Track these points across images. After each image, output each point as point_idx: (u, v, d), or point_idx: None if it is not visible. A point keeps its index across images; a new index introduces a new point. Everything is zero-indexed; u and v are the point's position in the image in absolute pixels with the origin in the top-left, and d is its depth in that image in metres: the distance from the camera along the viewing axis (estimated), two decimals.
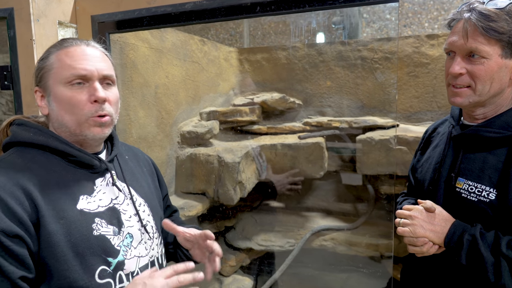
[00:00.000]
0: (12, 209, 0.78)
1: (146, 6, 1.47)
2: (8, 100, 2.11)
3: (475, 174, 0.94)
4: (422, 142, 1.21)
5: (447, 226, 0.93)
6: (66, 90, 0.88)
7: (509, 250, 0.85)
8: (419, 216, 0.94)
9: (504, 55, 0.89)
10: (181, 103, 2.61)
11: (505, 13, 0.87)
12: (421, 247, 0.93)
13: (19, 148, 0.90)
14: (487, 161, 0.93)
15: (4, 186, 0.80)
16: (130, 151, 1.15)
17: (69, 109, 0.89)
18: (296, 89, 3.03)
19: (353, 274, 2.65)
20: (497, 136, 0.92)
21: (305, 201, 2.92)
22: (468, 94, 0.94)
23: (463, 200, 0.95)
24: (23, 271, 0.78)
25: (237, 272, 2.73)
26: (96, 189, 0.93)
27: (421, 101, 2.72)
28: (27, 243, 0.79)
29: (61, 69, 0.89)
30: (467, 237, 0.89)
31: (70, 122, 0.90)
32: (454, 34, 0.94)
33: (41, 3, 1.44)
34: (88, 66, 0.89)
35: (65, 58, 0.89)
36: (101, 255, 0.87)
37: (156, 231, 1.04)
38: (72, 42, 0.92)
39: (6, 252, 0.77)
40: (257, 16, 1.37)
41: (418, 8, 3.51)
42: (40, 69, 0.92)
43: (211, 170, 2.38)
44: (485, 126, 0.95)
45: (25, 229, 0.79)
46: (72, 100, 0.88)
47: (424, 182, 1.07)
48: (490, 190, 0.91)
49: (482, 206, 0.91)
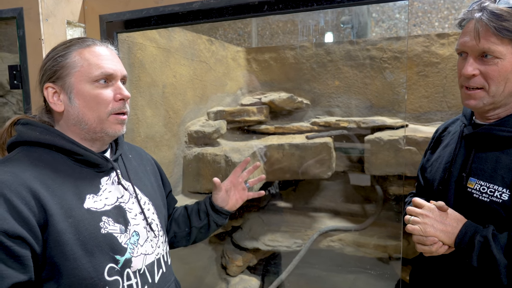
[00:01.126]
0: (17, 208, 0.78)
1: (154, 6, 1.47)
2: (19, 100, 2.13)
3: (487, 174, 0.92)
4: (432, 141, 1.18)
5: (459, 226, 0.90)
6: (92, 88, 0.91)
7: None
8: (430, 214, 0.92)
9: None
10: (189, 102, 2.62)
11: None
12: (430, 246, 0.91)
13: (25, 148, 0.90)
14: (500, 160, 0.91)
15: (10, 185, 0.80)
16: (133, 150, 1.16)
17: (94, 106, 0.91)
18: (304, 88, 3.02)
19: (360, 276, 2.63)
20: (511, 135, 0.90)
21: (312, 201, 2.91)
22: (482, 96, 0.92)
23: (475, 201, 0.92)
24: (21, 273, 0.77)
25: (244, 272, 2.73)
26: (102, 188, 0.94)
27: (431, 101, 2.69)
28: (31, 244, 0.79)
29: (88, 67, 0.91)
30: (479, 239, 0.87)
31: (91, 119, 0.92)
32: (466, 34, 0.91)
33: (50, 3, 1.45)
34: (114, 66, 0.93)
35: (91, 57, 0.91)
36: (109, 252, 0.88)
37: (161, 229, 1.04)
38: (92, 41, 0.95)
39: (7, 253, 0.76)
40: (265, 15, 1.36)
41: (428, 7, 3.47)
42: (59, 66, 0.91)
43: (218, 169, 2.38)
44: (498, 125, 0.93)
45: (29, 230, 0.79)
46: (99, 97, 0.91)
47: (434, 182, 1.05)
48: (503, 191, 0.88)
49: (495, 207, 0.89)
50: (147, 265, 0.96)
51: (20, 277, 0.77)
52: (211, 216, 1.20)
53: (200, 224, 1.20)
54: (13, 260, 0.77)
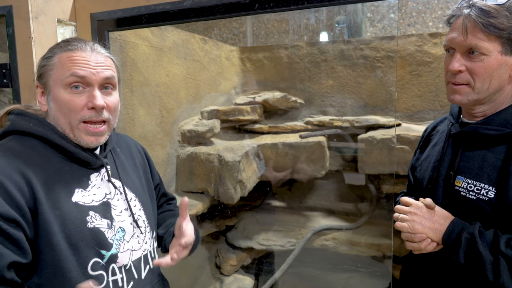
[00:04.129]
0: (10, 193, 0.79)
1: (145, 4, 1.46)
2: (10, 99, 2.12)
3: (474, 172, 0.93)
4: (421, 140, 1.19)
5: (446, 223, 0.91)
6: (65, 93, 0.89)
7: (508, 249, 0.83)
8: (418, 212, 0.93)
9: (504, 51, 0.88)
10: (182, 101, 2.61)
11: (505, 9, 0.86)
12: (418, 243, 0.92)
13: (18, 136, 0.90)
14: (486, 159, 0.92)
15: (4, 170, 0.80)
16: (122, 141, 1.14)
17: (66, 112, 0.89)
18: (298, 88, 3.02)
19: (354, 274, 2.63)
20: (496, 133, 0.91)
21: (306, 200, 2.91)
22: (467, 92, 0.93)
23: (462, 199, 0.93)
24: (18, 255, 0.78)
25: (238, 271, 2.73)
26: (91, 184, 0.94)
27: (424, 100, 2.70)
28: (24, 228, 0.79)
29: (62, 71, 0.89)
30: (465, 236, 0.88)
31: (64, 125, 0.90)
32: (454, 30, 0.93)
33: (40, 1, 1.44)
34: (89, 70, 0.89)
35: (67, 61, 0.89)
36: (94, 247, 0.88)
37: (148, 226, 1.04)
38: (77, 45, 0.92)
39: (3, 235, 0.77)
40: (256, 13, 1.36)
41: (422, 7, 3.48)
42: (42, 66, 0.92)
43: (211, 169, 2.37)
44: (484, 124, 0.94)
45: (22, 215, 0.79)
46: (70, 104, 0.88)
47: (423, 181, 1.06)
48: (489, 189, 0.89)
49: (481, 205, 0.90)
50: (134, 261, 0.96)
51: (18, 258, 0.78)
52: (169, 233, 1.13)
53: (161, 234, 1.16)
54: (9, 242, 0.78)
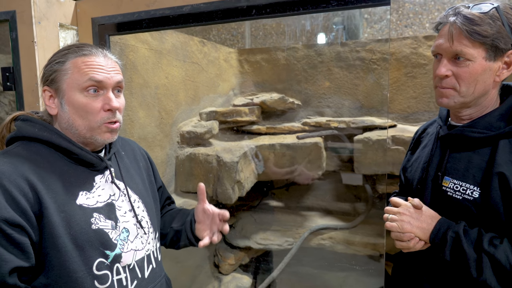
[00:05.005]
0: (15, 199, 0.82)
1: (145, 9, 1.50)
2: (11, 100, 2.15)
3: (460, 173, 0.97)
4: (412, 142, 1.24)
5: (433, 223, 0.96)
6: (81, 97, 0.93)
7: (490, 247, 0.88)
8: (406, 212, 0.98)
9: (488, 57, 0.92)
10: (181, 103, 2.65)
11: (489, 17, 0.90)
12: (407, 242, 0.96)
13: (24, 142, 0.94)
14: (472, 160, 0.96)
15: (9, 176, 0.84)
16: (126, 145, 1.18)
17: (83, 115, 0.93)
18: (295, 89, 3.06)
19: (351, 273, 2.67)
20: (481, 136, 0.95)
21: (303, 200, 2.95)
22: (453, 95, 0.97)
23: (449, 198, 0.98)
24: (21, 259, 0.82)
25: (236, 270, 2.76)
26: (96, 186, 0.97)
27: (419, 102, 2.75)
28: (29, 233, 0.83)
29: (78, 75, 0.93)
30: (451, 234, 0.92)
31: (81, 126, 0.94)
32: (441, 37, 0.97)
33: (42, 6, 1.47)
34: (104, 75, 0.94)
35: (82, 66, 0.93)
36: (99, 247, 0.91)
37: (151, 226, 1.08)
38: (90, 50, 0.96)
39: (8, 240, 0.80)
40: (253, 18, 1.40)
41: (419, 9, 3.52)
42: (54, 71, 0.95)
43: (210, 169, 2.41)
44: (469, 127, 0.98)
45: (27, 220, 0.83)
46: (87, 107, 0.93)
47: (413, 181, 1.11)
48: (474, 189, 0.94)
49: (467, 204, 0.94)
50: (137, 260, 1.00)
51: (21, 262, 0.82)
52: (186, 223, 1.18)
53: (177, 228, 1.20)
54: (13, 246, 0.81)
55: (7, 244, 0.80)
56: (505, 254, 0.86)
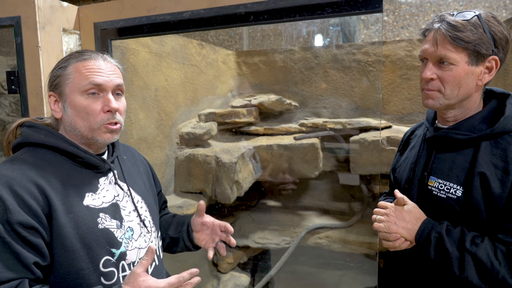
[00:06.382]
0: (27, 203, 0.87)
1: (146, 14, 1.54)
2: (12, 102, 2.18)
3: (445, 173, 1.03)
4: (401, 143, 1.30)
5: (418, 224, 1.02)
6: (82, 99, 0.98)
7: (472, 246, 0.93)
8: (393, 214, 1.04)
9: (470, 62, 0.98)
10: (180, 105, 2.69)
11: (471, 24, 0.96)
12: (393, 242, 1.03)
13: (30, 148, 0.99)
14: (456, 161, 1.02)
15: (20, 182, 0.89)
16: (128, 151, 1.24)
17: (84, 116, 0.98)
18: (292, 91, 3.11)
19: (347, 271, 2.72)
20: (464, 138, 1.01)
21: (301, 200, 3.00)
22: (438, 97, 1.03)
23: (434, 197, 1.04)
24: (38, 258, 0.87)
25: (234, 269, 2.81)
26: (100, 187, 1.02)
27: (414, 103, 2.80)
28: (42, 234, 0.88)
29: (79, 79, 0.98)
30: (434, 234, 0.98)
31: (83, 128, 0.99)
32: (427, 42, 1.03)
33: (46, 12, 1.52)
34: (103, 78, 0.99)
35: (83, 70, 0.98)
36: (105, 246, 0.96)
37: (153, 226, 1.13)
38: (90, 55, 1.01)
39: (24, 241, 0.85)
40: (251, 24, 1.44)
41: (416, 10, 3.57)
42: (57, 76, 1.00)
43: (208, 170, 2.46)
44: (454, 129, 1.04)
45: (39, 222, 0.88)
46: (88, 108, 0.98)
47: (401, 181, 1.16)
48: (457, 188, 0.99)
49: (450, 203, 1.00)
50: (141, 258, 1.04)
51: (39, 260, 0.87)
52: (183, 232, 1.23)
53: (173, 235, 1.25)
54: (29, 247, 0.86)
55: (24, 245, 0.85)
56: (486, 252, 0.92)
